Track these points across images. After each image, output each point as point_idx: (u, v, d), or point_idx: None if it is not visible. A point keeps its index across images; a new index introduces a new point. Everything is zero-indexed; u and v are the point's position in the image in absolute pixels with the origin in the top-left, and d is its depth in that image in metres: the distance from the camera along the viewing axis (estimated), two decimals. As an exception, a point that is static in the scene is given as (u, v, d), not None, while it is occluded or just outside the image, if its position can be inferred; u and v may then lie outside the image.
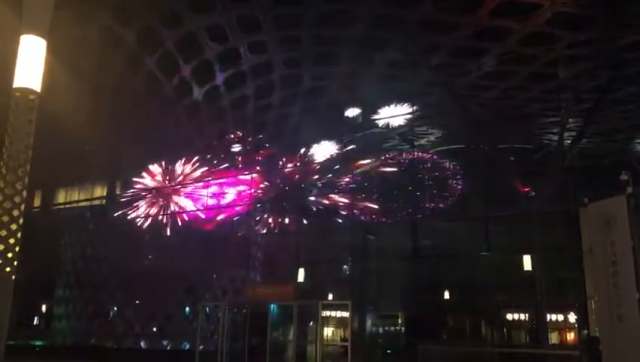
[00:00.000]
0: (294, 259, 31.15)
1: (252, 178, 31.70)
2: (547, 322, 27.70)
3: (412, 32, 23.03)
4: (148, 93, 27.11)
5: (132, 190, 33.23)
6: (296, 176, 34.82)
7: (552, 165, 27.97)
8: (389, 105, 30.24)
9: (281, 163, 34.45)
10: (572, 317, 28.57)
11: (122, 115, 27.63)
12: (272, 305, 20.52)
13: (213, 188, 31.78)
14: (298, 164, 34.44)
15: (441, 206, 36.17)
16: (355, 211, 33.98)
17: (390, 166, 35.50)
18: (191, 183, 32.19)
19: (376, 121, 31.08)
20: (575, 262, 15.76)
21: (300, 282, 29.69)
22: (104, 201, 34.46)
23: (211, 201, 31.66)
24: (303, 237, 32.71)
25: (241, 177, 32.12)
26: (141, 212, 32.45)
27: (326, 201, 34.16)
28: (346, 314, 25.47)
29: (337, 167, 33.74)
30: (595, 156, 34.00)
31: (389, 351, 28.11)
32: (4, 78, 14.66)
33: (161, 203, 32.47)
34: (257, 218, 33.21)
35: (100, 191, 35.11)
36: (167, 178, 32.80)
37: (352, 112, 31.93)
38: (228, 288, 30.20)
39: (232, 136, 32.86)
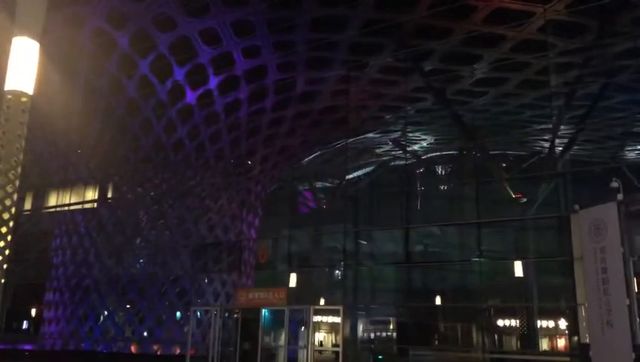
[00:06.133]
0: (287, 263, 31.11)
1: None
2: (538, 328, 27.80)
3: (405, 38, 23.09)
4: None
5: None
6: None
7: (543, 172, 28.08)
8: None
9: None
10: (563, 324, 28.67)
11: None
12: (263, 310, 20.44)
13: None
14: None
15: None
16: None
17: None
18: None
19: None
20: (566, 268, 15.83)
21: (292, 287, 29.67)
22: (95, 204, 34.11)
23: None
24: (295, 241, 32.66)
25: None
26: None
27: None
28: (337, 319, 25.47)
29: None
30: (586, 163, 34.21)
31: (380, 357, 28.06)
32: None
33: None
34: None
35: (91, 194, 34.84)
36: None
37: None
38: (220, 292, 30.05)
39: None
